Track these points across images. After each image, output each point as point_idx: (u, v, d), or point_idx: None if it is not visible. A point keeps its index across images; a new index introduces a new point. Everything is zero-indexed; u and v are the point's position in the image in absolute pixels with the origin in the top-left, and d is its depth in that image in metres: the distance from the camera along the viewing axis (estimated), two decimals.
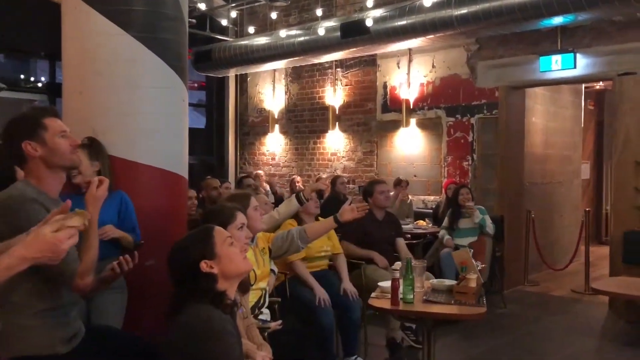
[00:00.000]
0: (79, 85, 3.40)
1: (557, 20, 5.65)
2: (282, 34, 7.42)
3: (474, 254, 5.51)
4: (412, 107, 7.48)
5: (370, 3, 6.60)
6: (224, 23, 8.34)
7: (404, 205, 7.09)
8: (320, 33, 6.97)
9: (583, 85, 8.17)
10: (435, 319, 2.99)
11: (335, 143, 8.41)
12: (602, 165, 9.72)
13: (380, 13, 6.47)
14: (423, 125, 7.46)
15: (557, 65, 6.10)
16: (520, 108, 6.85)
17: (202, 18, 8.38)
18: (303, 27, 7.47)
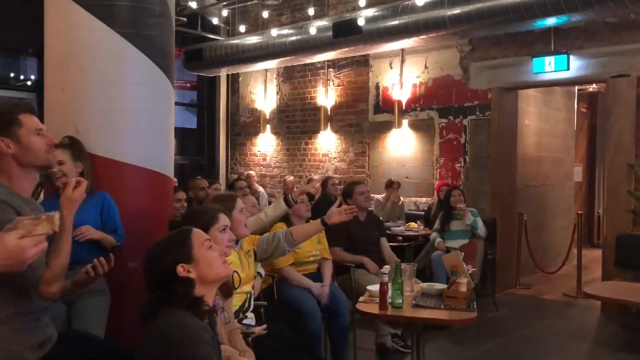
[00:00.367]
0: (61, 82, 3.32)
1: (550, 22, 5.60)
2: (273, 33, 7.34)
3: (466, 257, 5.48)
4: (404, 108, 7.42)
5: (363, 3, 6.53)
6: (215, 22, 8.25)
7: (396, 207, 7.02)
8: (312, 32, 6.90)
9: (576, 88, 8.14)
10: (425, 324, 2.92)
11: (327, 144, 8.33)
12: (594, 168, 9.70)
13: (373, 13, 6.41)
14: (415, 127, 7.40)
15: (550, 67, 6.05)
16: (513, 110, 6.80)
17: (193, 17, 8.30)
18: (295, 26, 7.39)
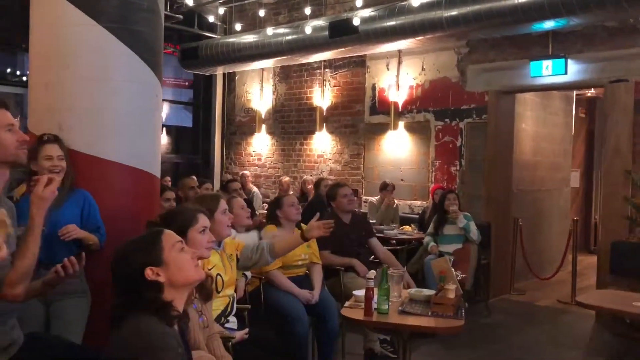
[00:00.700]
0: (45, 78, 3.26)
1: (548, 25, 5.54)
2: (269, 32, 7.28)
3: (459, 261, 5.45)
4: (400, 110, 7.35)
5: (360, 3, 6.46)
6: (212, 20, 8.18)
7: (390, 210, 6.95)
8: (308, 32, 6.83)
9: (575, 93, 8.08)
10: (411, 331, 2.85)
11: (322, 145, 8.26)
12: (592, 174, 9.63)
13: (369, 13, 6.34)
14: (411, 129, 7.33)
15: (548, 71, 5.98)
16: (510, 113, 6.73)
17: (189, 14, 8.22)
18: (291, 25, 7.33)
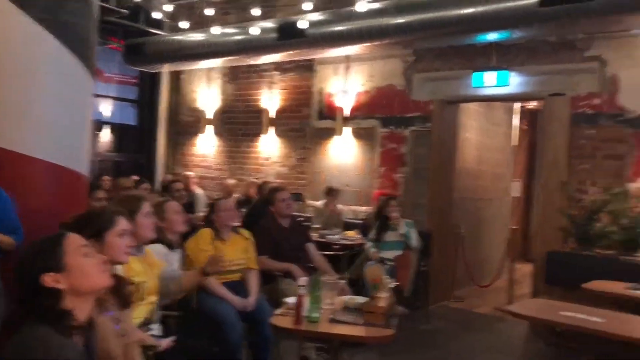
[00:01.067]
0: None
1: (492, 37, 5.64)
2: (217, 32, 7.14)
3: (399, 268, 5.46)
4: (347, 115, 7.34)
5: (310, 6, 6.41)
6: (158, 16, 7.96)
7: (334, 215, 6.92)
8: (256, 33, 6.74)
9: (519, 104, 8.27)
10: (341, 340, 2.80)
11: (269, 148, 8.17)
12: (532, 185, 9.87)
13: (317, 17, 6.30)
14: (358, 135, 7.33)
15: (490, 82, 6.10)
16: (454, 123, 6.83)
17: (135, 9, 7.99)
18: (239, 26, 7.22)
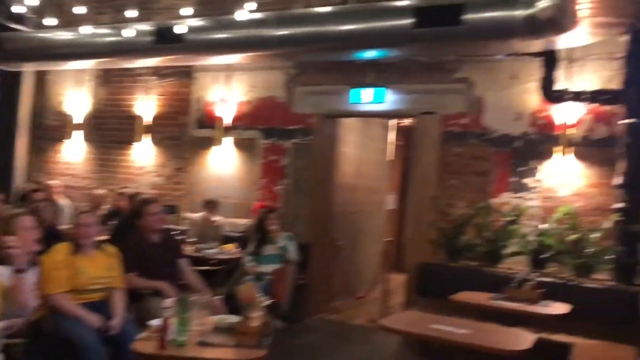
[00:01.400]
0: None
1: (369, 54, 5.79)
2: (88, 31, 6.68)
3: (277, 282, 5.39)
4: (227, 125, 7.17)
5: (189, 11, 6.19)
6: (21, 10, 7.30)
7: (212, 228, 6.71)
8: (131, 35, 6.38)
9: (396, 121, 8.57)
10: None
11: (144, 156, 7.76)
12: (406, 198, 10.28)
13: (197, 23, 6.10)
14: (238, 145, 7.19)
15: (367, 99, 6.26)
16: (334, 137, 6.91)
17: None
18: (113, 26, 6.80)
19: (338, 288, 6.98)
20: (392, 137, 8.73)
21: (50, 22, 7.16)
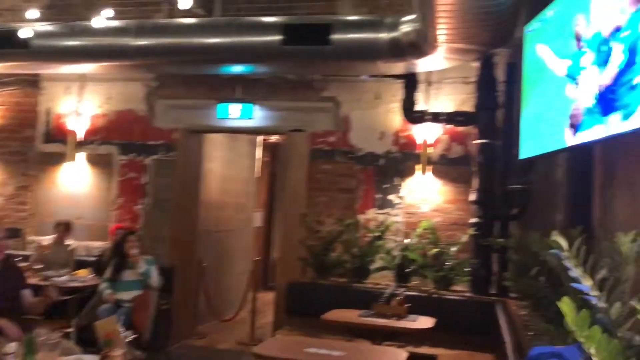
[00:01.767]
0: None
1: (237, 69, 5.66)
2: None
3: (138, 309, 4.99)
4: (81, 139, 6.60)
5: (36, 14, 5.60)
6: None
7: (62, 253, 6.08)
8: None
9: (262, 137, 8.49)
10: None
11: None
12: (273, 215, 10.24)
13: (44, 27, 5.54)
14: (92, 162, 6.64)
15: (235, 114, 6.12)
16: (199, 153, 6.65)
17: None
18: None
19: (204, 311, 6.68)
20: (259, 153, 8.65)
21: None
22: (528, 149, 3.78)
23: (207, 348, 6.19)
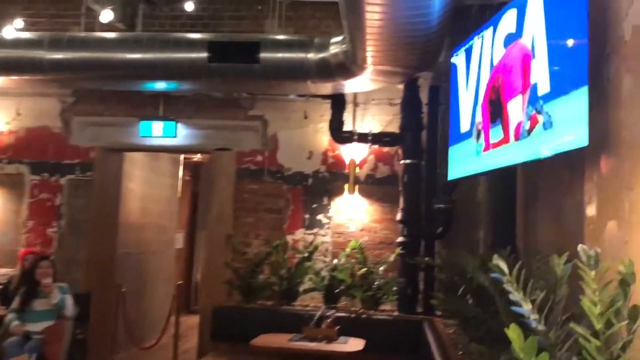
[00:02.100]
0: None
1: (160, 86, 5.48)
2: None
3: (50, 341, 4.65)
4: None
5: None
6: None
7: None
8: None
9: (182, 156, 8.27)
10: None
11: None
12: (195, 236, 9.96)
13: None
14: (0, 182, 6.18)
15: (158, 132, 5.92)
16: (118, 172, 6.36)
17: None
18: None
19: (123, 339, 6.33)
20: (182, 173, 8.42)
21: None
22: (455, 171, 3.88)
23: None
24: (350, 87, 5.11)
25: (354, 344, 4.33)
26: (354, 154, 5.66)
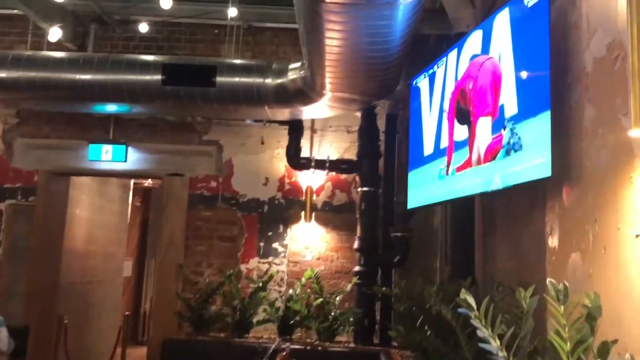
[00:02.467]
0: None
1: (111, 108, 5.28)
2: None
3: None
4: None
5: None
6: None
7: None
8: None
9: (132, 180, 8.00)
10: None
11: None
12: (144, 263, 9.60)
13: None
14: None
15: (107, 156, 5.68)
16: (63, 197, 6.06)
17: None
18: None
19: None
20: (131, 198, 8.13)
21: None
22: (416, 198, 3.84)
23: None
24: (308, 113, 5.04)
25: None
26: (311, 181, 5.57)
